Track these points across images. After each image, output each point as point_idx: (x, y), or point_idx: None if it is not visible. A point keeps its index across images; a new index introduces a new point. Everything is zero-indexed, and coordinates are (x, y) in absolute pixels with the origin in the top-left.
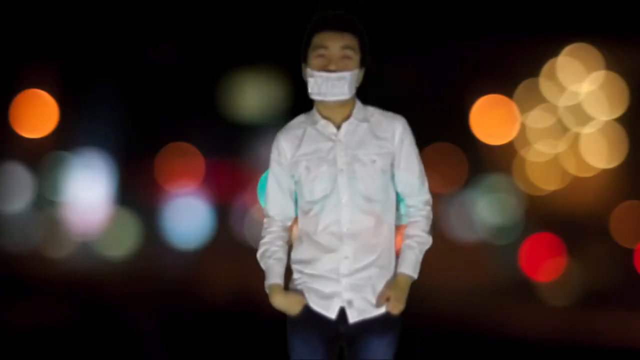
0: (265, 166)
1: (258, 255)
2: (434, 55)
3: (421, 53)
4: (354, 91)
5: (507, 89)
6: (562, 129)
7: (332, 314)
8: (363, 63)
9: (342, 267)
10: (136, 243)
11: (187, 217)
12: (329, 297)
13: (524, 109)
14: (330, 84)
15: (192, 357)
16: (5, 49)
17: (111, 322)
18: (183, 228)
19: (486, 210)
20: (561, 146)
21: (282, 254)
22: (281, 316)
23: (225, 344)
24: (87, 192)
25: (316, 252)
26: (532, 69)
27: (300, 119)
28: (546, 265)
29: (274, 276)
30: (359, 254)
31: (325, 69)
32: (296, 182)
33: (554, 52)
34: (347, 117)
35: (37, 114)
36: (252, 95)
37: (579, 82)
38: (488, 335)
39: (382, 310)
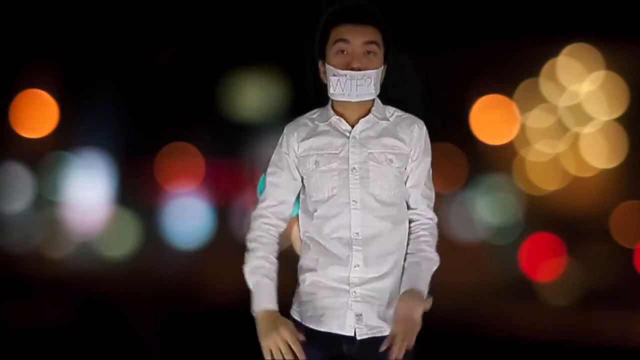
0: (265, 166)
1: (248, 268)
2: (434, 55)
3: (421, 53)
4: (379, 90)
5: (507, 89)
6: (562, 129)
7: (349, 332)
8: (386, 59)
9: (352, 277)
10: (136, 243)
11: (187, 217)
12: (341, 313)
13: (524, 109)
14: (355, 83)
15: (192, 357)
16: (5, 49)
17: (111, 322)
18: (183, 228)
19: (486, 210)
20: (561, 146)
21: (275, 273)
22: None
23: (225, 344)
24: (87, 192)
25: (324, 260)
26: (532, 69)
27: (312, 113)
28: (546, 265)
29: (268, 299)
30: (371, 263)
31: (348, 67)
32: (303, 179)
33: (554, 52)
34: (364, 115)
35: (37, 114)
36: (252, 95)
37: (579, 82)
38: (488, 335)
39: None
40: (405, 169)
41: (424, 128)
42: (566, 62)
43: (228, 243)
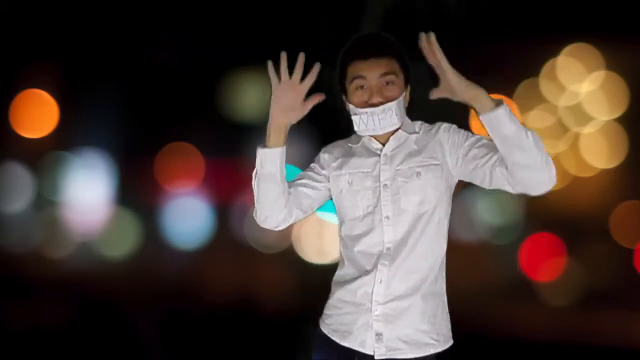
0: None
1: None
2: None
3: (421, 53)
4: (404, 117)
5: (507, 88)
6: (562, 129)
7: (369, 350)
8: (407, 81)
9: (375, 293)
10: (136, 243)
11: (187, 217)
12: (362, 331)
13: (524, 109)
14: (377, 118)
15: (192, 357)
16: (5, 49)
17: (111, 322)
18: (183, 228)
19: (486, 210)
20: (561, 146)
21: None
22: (281, 317)
23: (225, 344)
24: (87, 192)
25: (354, 272)
26: (532, 68)
27: (348, 139)
28: (546, 265)
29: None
30: (396, 279)
31: (368, 103)
32: (336, 197)
33: (554, 52)
34: (394, 133)
35: (37, 114)
36: (252, 96)
37: (579, 82)
38: (488, 335)
39: (417, 354)
40: (451, 174)
41: (446, 124)
42: (566, 62)
43: (228, 243)
